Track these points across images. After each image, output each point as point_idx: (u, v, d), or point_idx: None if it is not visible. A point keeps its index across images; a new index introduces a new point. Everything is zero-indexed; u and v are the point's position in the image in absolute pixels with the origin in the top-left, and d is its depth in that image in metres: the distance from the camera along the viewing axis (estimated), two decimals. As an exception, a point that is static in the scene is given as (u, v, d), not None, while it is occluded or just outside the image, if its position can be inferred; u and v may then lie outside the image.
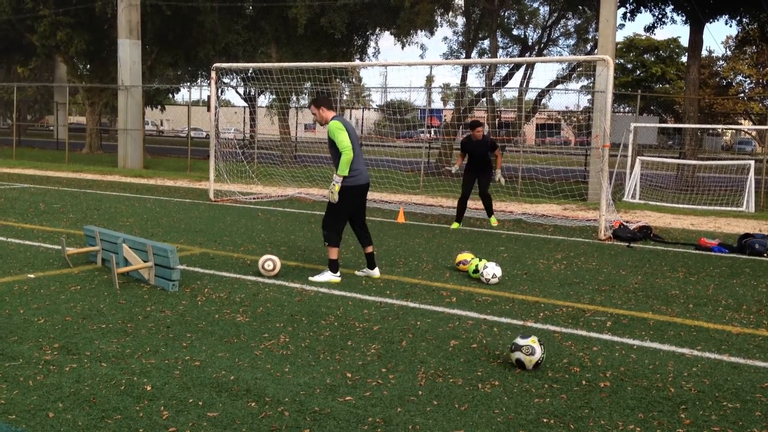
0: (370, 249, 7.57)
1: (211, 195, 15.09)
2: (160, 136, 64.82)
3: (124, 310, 5.94)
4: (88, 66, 34.40)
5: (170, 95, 50.56)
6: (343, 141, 7.11)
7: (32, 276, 7.07)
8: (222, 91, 47.62)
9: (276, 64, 18.15)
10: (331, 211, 7.33)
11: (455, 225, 11.96)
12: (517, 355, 4.72)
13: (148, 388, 4.24)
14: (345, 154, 7.09)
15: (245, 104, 43.38)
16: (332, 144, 7.23)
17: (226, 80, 42.20)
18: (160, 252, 6.69)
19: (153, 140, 50.45)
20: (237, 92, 48.01)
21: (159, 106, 49.48)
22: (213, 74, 15.44)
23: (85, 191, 15.96)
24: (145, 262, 6.86)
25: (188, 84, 44.93)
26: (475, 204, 13.40)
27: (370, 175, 7.63)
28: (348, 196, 7.25)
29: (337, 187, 7.14)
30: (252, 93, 42.21)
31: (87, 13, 28.58)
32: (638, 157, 18.56)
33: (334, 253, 7.30)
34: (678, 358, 5.15)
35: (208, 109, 16.54)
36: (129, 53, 23.30)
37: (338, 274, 7.34)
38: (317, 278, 7.28)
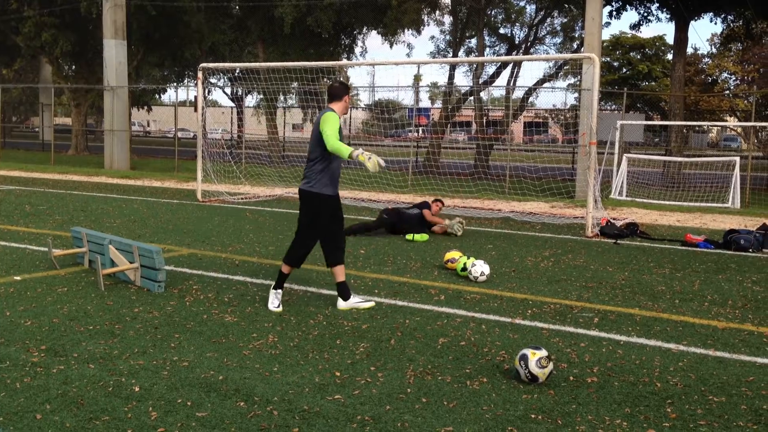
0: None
1: (199, 195, 15.05)
2: (146, 137, 64.51)
3: (112, 311, 5.92)
4: (74, 67, 34.23)
5: (157, 96, 50.34)
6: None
7: (18, 278, 7.03)
8: (209, 92, 47.43)
9: (263, 64, 18.11)
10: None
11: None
12: (527, 351, 4.49)
13: (137, 389, 4.23)
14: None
15: (232, 104, 43.26)
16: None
17: (213, 80, 42.12)
18: (146, 253, 6.67)
19: (140, 141, 50.22)
20: (224, 92, 47.91)
21: (145, 107, 49.26)
22: (199, 74, 15.39)
23: (72, 192, 15.87)
24: (131, 263, 6.83)
25: (175, 84, 44.76)
26: (463, 203, 13.40)
27: (359, 173, 7.59)
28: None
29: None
30: (239, 93, 42.11)
31: (72, 14, 28.42)
32: (625, 154, 18.66)
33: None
34: (664, 353, 5.19)
35: (195, 110, 16.49)
36: (114, 54, 23.17)
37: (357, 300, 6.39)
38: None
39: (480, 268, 7.48)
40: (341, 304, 6.21)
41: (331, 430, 3.75)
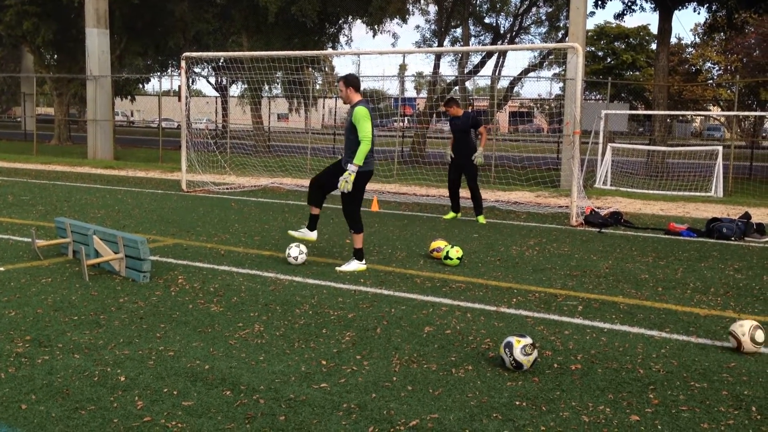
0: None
1: (184, 186, 14.98)
2: (130, 127, 64.04)
3: (97, 301, 5.90)
4: (56, 56, 33.86)
5: (140, 85, 49.97)
6: (366, 130, 7.16)
7: (2, 269, 6.98)
8: (193, 81, 47.13)
9: (247, 53, 18.00)
10: (348, 199, 7.34)
11: (450, 215, 11.70)
12: (512, 339, 4.55)
13: (122, 378, 4.22)
14: (365, 144, 7.15)
15: (217, 94, 43.02)
16: (353, 129, 7.27)
17: (197, 70, 41.79)
18: (131, 243, 6.65)
19: (123, 131, 49.82)
20: (208, 82, 47.59)
21: (129, 97, 48.88)
22: (183, 64, 15.29)
23: (55, 183, 15.75)
24: (115, 253, 6.80)
25: (158, 74, 44.40)
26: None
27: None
28: (360, 182, 7.32)
29: (352, 177, 7.15)
30: (223, 82, 41.84)
31: (54, 2, 28.09)
32: (609, 143, 18.75)
33: (359, 241, 7.35)
34: (647, 340, 5.25)
35: (179, 99, 16.39)
36: (97, 43, 22.95)
37: (363, 261, 7.38)
38: (345, 268, 7.30)
39: (296, 250, 7.51)
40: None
41: (317, 418, 3.76)
